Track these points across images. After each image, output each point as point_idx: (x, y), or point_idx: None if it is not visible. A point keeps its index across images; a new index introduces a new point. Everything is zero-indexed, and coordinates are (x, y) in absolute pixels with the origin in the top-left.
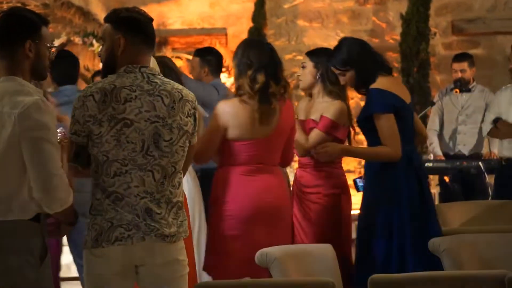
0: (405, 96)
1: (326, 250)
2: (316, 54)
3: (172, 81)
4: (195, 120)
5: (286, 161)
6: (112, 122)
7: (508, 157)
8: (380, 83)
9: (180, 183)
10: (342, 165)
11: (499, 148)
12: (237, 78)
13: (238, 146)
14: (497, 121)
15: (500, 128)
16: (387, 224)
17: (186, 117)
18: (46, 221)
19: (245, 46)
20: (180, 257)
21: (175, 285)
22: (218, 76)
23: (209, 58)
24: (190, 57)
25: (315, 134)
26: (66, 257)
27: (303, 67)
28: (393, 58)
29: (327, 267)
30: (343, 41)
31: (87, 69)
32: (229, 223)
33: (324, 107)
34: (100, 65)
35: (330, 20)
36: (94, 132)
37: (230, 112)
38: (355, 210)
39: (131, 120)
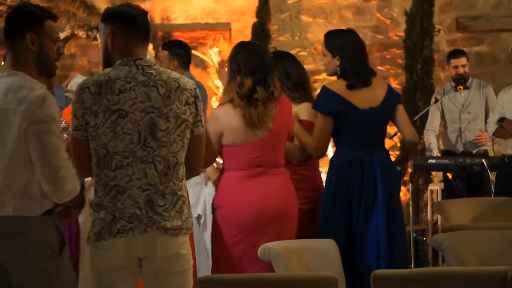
0: (363, 100)
1: (329, 245)
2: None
3: (169, 71)
4: (196, 108)
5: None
6: (107, 114)
7: (511, 154)
8: (336, 83)
9: (183, 177)
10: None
11: (502, 145)
12: (228, 83)
13: (235, 150)
14: (502, 121)
15: (506, 128)
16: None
17: (184, 105)
18: (56, 209)
19: (236, 51)
20: (182, 251)
21: (178, 279)
22: (188, 69)
23: (178, 52)
24: (194, 52)
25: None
26: None
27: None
28: (397, 54)
29: (330, 263)
30: (350, 30)
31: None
32: (229, 229)
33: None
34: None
35: (334, 15)
36: (90, 124)
37: (223, 118)
38: None
39: (126, 111)
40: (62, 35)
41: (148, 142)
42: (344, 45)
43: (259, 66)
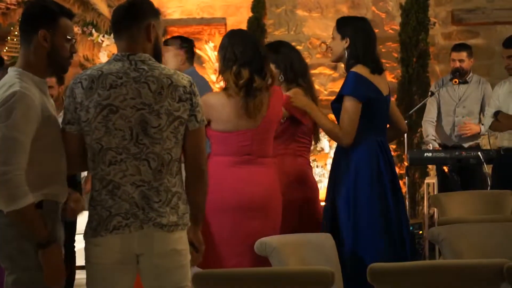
0: (383, 87)
1: (325, 239)
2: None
3: (162, 67)
4: (192, 104)
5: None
6: (97, 108)
7: (507, 147)
8: (362, 69)
9: (178, 173)
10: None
11: (498, 138)
12: (222, 72)
13: (224, 136)
14: (497, 114)
15: (501, 121)
16: (347, 207)
17: (177, 102)
18: (57, 206)
19: (229, 40)
20: (178, 247)
21: (175, 275)
22: (192, 64)
23: (185, 46)
24: None
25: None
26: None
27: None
28: (393, 48)
29: (326, 256)
30: (363, 18)
31: (87, 59)
32: (215, 214)
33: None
34: (100, 54)
35: (330, 10)
36: (82, 119)
37: (215, 105)
38: None
39: (117, 107)
40: None
41: (141, 139)
42: (356, 30)
43: (255, 56)
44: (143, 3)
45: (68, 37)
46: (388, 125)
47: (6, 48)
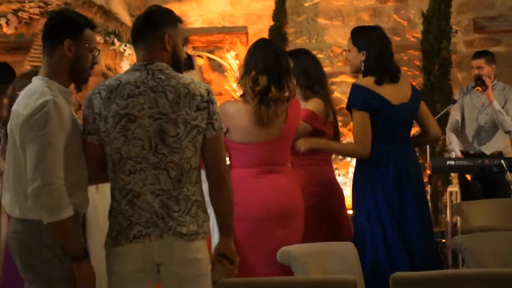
0: (395, 96)
1: (347, 248)
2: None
3: (179, 76)
4: (209, 113)
5: None
6: (116, 118)
7: None
8: (365, 80)
9: (197, 182)
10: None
11: None
12: (241, 78)
13: (244, 148)
14: None
15: None
16: (366, 220)
17: (195, 111)
18: (78, 215)
19: (254, 47)
20: (199, 256)
21: (196, 284)
22: None
23: None
24: (211, 56)
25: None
26: None
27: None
28: (414, 56)
29: (349, 265)
30: (377, 27)
31: (109, 68)
32: (240, 225)
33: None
34: (122, 64)
35: (351, 18)
36: (101, 129)
37: (233, 115)
38: None
39: (135, 116)
40: None
41: (160, 149)
42: (371, 41)
43: (275, 66)
44: (159, 13)
45: (91, 47)
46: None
47: (29, 57)
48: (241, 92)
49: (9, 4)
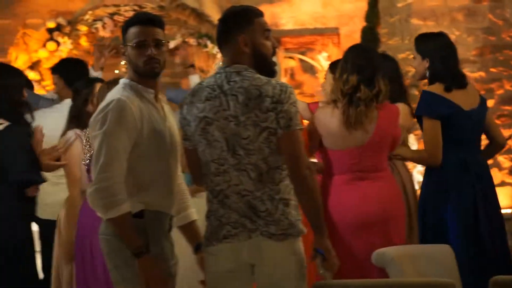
0: (465, 102)
1: (444, 250)
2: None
3: (255, 77)
4: (278, 113)
5: None
6: (196, 121)
7: None
8: (435, 86)
9: (281, 180)
10: None
11: None
12: (335, 82)
13: (334, 154)
14: None
15: None
16: (439, 225)
17: (264, 113)
18: (160, 216)
19: (349, 51)
20: (290, 256)
21: (290, 285)
22: None
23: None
24: (303, 57)
25: None
26: None
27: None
28: (510, 56)
29: (446, 268)
30: (441, 33)
31: (202, 71)
32: (334, 232)
33: None
34: (214, 66)
35: (445, 18)
36: (187, 133)
37: (322, 120)
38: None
39: (211, 119)
40: (173, 43)
41: (237, 150)
42: (435, 48)
43: (366, 65)
44: (231, 17)
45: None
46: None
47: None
48: (332, 98)
49: (105, 8)
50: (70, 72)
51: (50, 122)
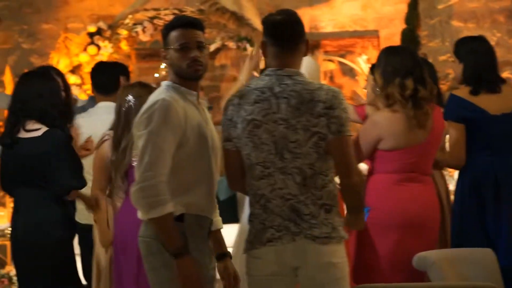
0: (493, 106)
1: (485, 254)
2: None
3: (307, 81)
4: (329, 118)
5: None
6: (244, 123)
7: None
8: (461, 90)
9: (324, 186)
10: None
11: None
12: (384, 88)
13: (393, 154)
14: None
15: None
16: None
17: (316, 117)
18: (201, 220)
19: (386, 54)
20: (334, 260)
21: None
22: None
23: None
24: (342, 60)
25: None
26: None
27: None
28: None
29: (488, 272)
30: (479, 37)
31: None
32: (375, 230)
33: None
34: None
35: (486, 20)
36: (233, 135)
37: (384, 123)
38: None
39: (260, 121)
40: (213, 46)
41: (284, 154)
42: (467, 52)
43: (416, 65)
44: (301, 22)
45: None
46: None
47: (164, 64)
48: (384, 103)
49: (145, 12)
50: (97, 76)
51: (89, 125)
